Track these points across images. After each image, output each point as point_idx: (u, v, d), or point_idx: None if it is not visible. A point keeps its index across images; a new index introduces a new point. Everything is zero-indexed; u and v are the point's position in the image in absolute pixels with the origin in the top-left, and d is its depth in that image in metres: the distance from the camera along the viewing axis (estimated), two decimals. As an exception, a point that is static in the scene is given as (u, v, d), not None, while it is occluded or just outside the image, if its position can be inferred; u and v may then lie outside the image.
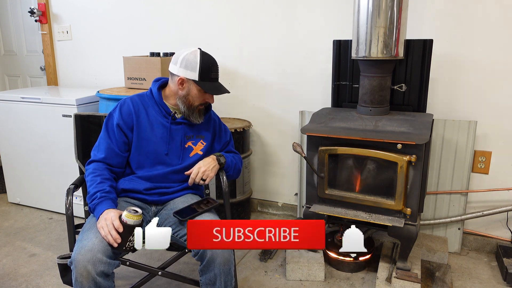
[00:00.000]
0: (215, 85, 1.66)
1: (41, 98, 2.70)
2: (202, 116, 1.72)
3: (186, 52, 1.63)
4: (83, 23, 3.22)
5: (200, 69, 1.60)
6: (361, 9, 1.87)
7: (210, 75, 1.63)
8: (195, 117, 1.69)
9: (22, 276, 2.14)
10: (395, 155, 1.80)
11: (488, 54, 2.13)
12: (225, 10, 2.69)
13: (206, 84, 1.62)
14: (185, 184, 1.72)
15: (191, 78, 1.61)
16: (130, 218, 1.36)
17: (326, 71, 2.44)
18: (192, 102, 1.65)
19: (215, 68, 1.65)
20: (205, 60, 1.62)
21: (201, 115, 1.71)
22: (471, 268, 2.18)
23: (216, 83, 1.67)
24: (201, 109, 1.71)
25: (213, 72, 1.64)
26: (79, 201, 2.50)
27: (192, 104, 1.66)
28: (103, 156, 1.61)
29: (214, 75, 1.65)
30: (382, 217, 1.90)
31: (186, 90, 1.64)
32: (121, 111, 1.66)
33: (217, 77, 1.67)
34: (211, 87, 1.64)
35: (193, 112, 1.68)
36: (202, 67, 1.60)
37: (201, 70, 1.60)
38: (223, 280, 1.48)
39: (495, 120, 2.18)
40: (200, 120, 1.71)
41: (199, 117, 1.70)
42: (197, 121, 1.69)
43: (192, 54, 1.61)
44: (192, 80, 1.61)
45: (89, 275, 1.31)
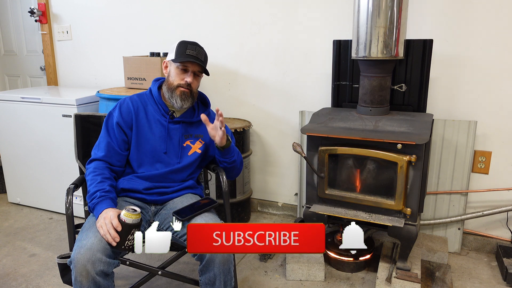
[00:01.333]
0: (187, 56, 1.62)
1: (41, 98, 2.70)
2: (186, 101, 1.66)
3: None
4: (83, 23, 3.22)
5: (177, 48, 1.64)
6: (361, 9, 1.87)
7: (185, 52, 1.62)
8: (176, 100, 1.64)
9: (22, 276, 2.14)
10: (395, 155, 1.80)
11: (488, 54, 2.13)
12: (225, 10, 2.69)
13: (180, 58, 1.62)
14: (184, 184, 1.72)
15: (170, 59, 1.66)
16: (128, 217, 1.36)
17: (326, 71, 2.44)
18: (172, 82, 1.66)
19: (192, 47, 1.64)
20: (183, 41, 1.66)
21: (184, 100, 1.65)
22: (471, 268, 2.18)
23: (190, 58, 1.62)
24: (183, 92, 1.65)
25: (190, 50, 1.63)
26: (79, 201, 2.50)
27: (172, 84, 1.65)
28: (103, 154, 1.61)
29: (190, 52, 1.62)
30: (382, 217, 1.90)
31: (168, 72, 1.69)
32: (120, 110, 1.67)
33: (193, 55, 1.63)
34: (182, 58, 1.61)
35: (174, 94, 1.64)
36: (179, 46, 1.64)
37: (177, 49, 1.64)
38: (223, 280, 1.48)
39: (495, 120, 2.18)
40: (183, 104, 1.65)
41: (181, 101, 1.65)
42: (179, 104, 1.65)
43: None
44: (171, 60, 1.65)
45: (89, 274, 1.31)
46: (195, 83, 1.69)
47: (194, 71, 1.66)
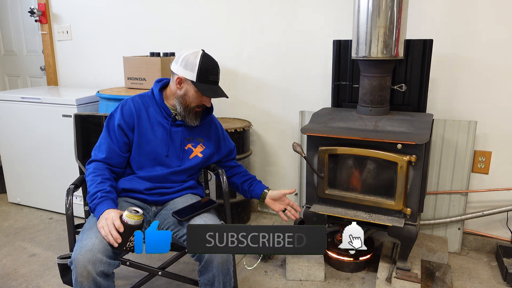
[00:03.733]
0: (212, 88, 1.62)
1: (41, 98, 2.70)
2: (198, 119, 1.70)
3: (188, 52, 1.62)
4: (83, 23, 3.22)
5: (199, 70, 1.58)
6: (361, 9, 1.87)
7: (209, 78, 1.60)
8: (191, 119, 1.67)
9: (22, 276, 2.14)
10: (395, 155, 1.80)
11: (488, 54, 2.13)
12: (225, 10, 2.69)
13: (203, 86, 1.60)
14: (185, 184, 1.72)
15: (189, 78, 1.60)
16: (131, 218, 1.36)
17: (326, 71, 2.44)
18: (188, 103, 1.64)
19: (215, 71, 1.62)
20: (205, 62, 1.59)
21: (197, 118, 1.69)
22: (471, 268, 2.18)
23: (214, 86, 1.63)
24: (198, 112, 1.68)
25: (212, 75, 1.61)
26: (79, 201, 2.50)
27: (188, 105, 1.64)
28: (104, 156, 1.61)
29: (213, 78, 1.62)
30: (382, 217, 1.90)
31: (184, 90, 1.63)
32: (122, 112, 1.66)
33: (216, 81, 1.64)
34: (208, 89, 1.61)
35: (189, 114, 1.66)
36: (201, 68, 1.58)
37: (199, 71, 1.58)
38: (222, 280, 1.48)
39: (495, 120, 2.18)
40: (195, 123, 1.69)
41: (195, 119, 1.68)
42: (192, 123, 1.68)
43: (193, 55, 1.60)
44: (190, 81, 1.60)
45: (89, 275, 1.30)
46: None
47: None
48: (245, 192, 1.83)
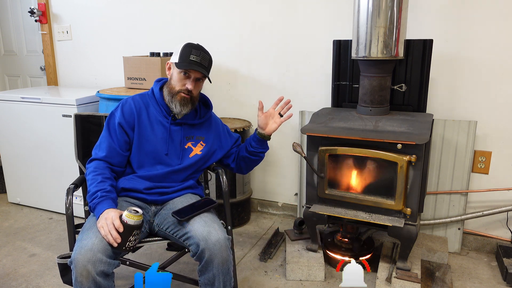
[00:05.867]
0: (189, 63, 1.60)
1: (41, 98, 2.70)
2: (185, 107, 1.65)
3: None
4: (83, 23, 3.22)
5: (181, 51, 1.61)
6: (361, 9, 1.87)
7: (189, 57, 1.60)
8: (175, 105, 1.64)
9: (22, 276, 2.14)
10: (395, 155, 1.80)
11: (488, 54, 2.13)
12: (225, 10, 2.69)
13: (183, 64, 1.60)
14: (184, 184, 1.72)
15: (173, 61, 1.64)
16: (130, 218, 1.36)
17: (326, 71, 2.44)
18: (173, 86, 1.65)
19: (197, 52, 1.62)
20: (188, 45, 1.63)
21: (184, 106, 1.65)
22: (471, 268, 2.18)
23: (194, 65, 1.61)
24: (183, 98, 1.64)
25: (194, 55, 1.61)
26: (79, 201, 2.50)
27: (173, 89, 1.65)
28: (104, 155, 1.61)
29: (194, 58, 1.60)
30: (382, 217, 1.90)
31: (170, 75, 1.67)
32: (123, 110, 1.66)
33: (197, 61, 1.61)
34: (185, 65, 1.60)
35: (174, 98, 1.64)
36: (183, 49, 1.62)
37: (181, 52, 1.61)
38: (222, 280, 1.47)
39: (495, 120, 2.18)
40: (182, 110, 1.65)
41: (181, 106, 1.64)
42: (177, 109, 1.65)
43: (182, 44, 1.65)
44: (174, 64, 1.63)
45: (89, 274, 1.30)
46: (197, 89, 1.68)
47: (197, 77, 1.64)
48: (249, 147, 1.79)
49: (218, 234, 1.45)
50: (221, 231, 1.47)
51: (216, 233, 1.45)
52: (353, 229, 2.14)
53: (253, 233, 2.60)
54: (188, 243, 1.48)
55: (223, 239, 1.46)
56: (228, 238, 1.49)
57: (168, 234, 1.57)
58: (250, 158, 1.81)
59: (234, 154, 1.86)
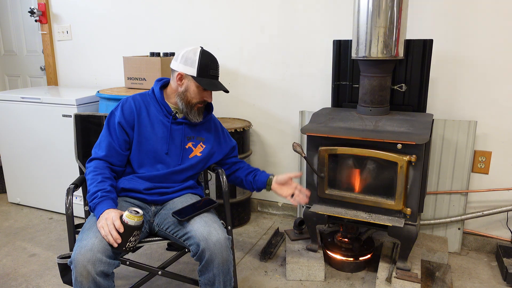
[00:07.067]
0: (213, 82, 1.65)
1: (41, 98, 2.70)
2: (201, 115, 1.71)
3: (187, 49, 1.65)
4: (83, 23, 3.22)
5: (199, 65, 1.60)
6: (361, 9, 1.87)
7: (209, 72, 1.63)
8: (194, 115, 1.68)
9: (22, 276, 2.14)
10: (395, 155, 1.80)
11: (488, 54, 2.13)
12: (225, 10, 2.69)
13: (204, 80, 1.62)
14: (184, 184, 1.72)
15: (190, 74, 1.62)
16: (131, 218, 1.36)
17: (326, 71, 2.44)
18: (190, 99, 1.65)
19: (215, 66, 1.65)
20: (205, 57, 1.62)
21: (200, 114, 1.71)
22: (471, 268, 2.18)
23: (214, 80, 1.66)
24: (200, 108, 1.70)
25: (212, 69, 1.64)
26: (79, 201, 2.50)
27: (190, 101, 1.66)
28: (104, 154, 1.61)
29: (213, 73, 1.64)
30: (382, 217, 1.90)
31: (185, 87, 1.65)
32: (123, 110, 1.66)
33: (216, 75, 1.67)
34: (209, 83, 1.63)
35: (192, 110, 1.67)
36: (201, 63, 1.61)
37: (199, 66, 1.60)
38: (222, 280, 1.48)
39: (495, 120, 2.18)
40: (199, 119, 1.70)
41: (198, 116, 1.69)
42: (196, 119, 1.69)
43: (192, 51, 1.63)
44: (191, 76, 1.62)
45: (89, 275, 1.30)
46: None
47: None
48: (250, 184, 1.79)
49: (218, 234, 1.45)
50: (221, 231, 1.47)
51: (216, 233, 1.45)
52: (353, 229, 2.14)
53: (253, 233, 2.60)
54: (188, 243, 1.48)
55: (223, 239, 1.46)
56: (228, 238, 1.49)
57: (168, 234, 1.57)
58: (243, 186, 1.83)
59: (229, 165, 1.86)
